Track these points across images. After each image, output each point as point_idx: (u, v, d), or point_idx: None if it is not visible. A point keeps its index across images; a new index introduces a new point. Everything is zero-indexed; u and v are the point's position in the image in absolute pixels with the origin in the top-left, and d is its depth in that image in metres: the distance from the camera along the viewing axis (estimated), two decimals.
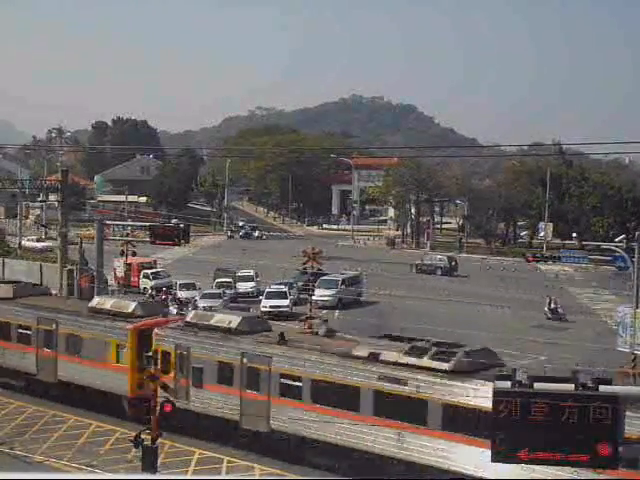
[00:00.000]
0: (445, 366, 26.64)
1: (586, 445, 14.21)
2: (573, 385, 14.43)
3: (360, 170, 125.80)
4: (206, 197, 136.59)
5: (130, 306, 35.51)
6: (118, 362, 33.82)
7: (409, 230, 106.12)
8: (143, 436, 24.08)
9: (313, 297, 53.04)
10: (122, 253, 60.28)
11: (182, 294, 57.20)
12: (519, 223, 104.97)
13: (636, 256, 40.30)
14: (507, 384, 14.81)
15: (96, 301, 37.17)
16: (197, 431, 31.09)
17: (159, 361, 28.23)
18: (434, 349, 27.67)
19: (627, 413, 14.73)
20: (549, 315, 55.60)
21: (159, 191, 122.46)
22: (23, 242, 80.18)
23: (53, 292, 50.84)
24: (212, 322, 32.45)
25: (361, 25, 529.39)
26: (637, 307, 39.76)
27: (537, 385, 14.60)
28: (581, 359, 39.38)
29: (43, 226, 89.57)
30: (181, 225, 52.97)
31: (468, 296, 62.57)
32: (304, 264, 56.96)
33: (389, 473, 26.89)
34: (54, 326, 36.41)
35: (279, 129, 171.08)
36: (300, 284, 58.73)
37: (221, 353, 31.17)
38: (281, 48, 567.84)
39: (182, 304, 53.59)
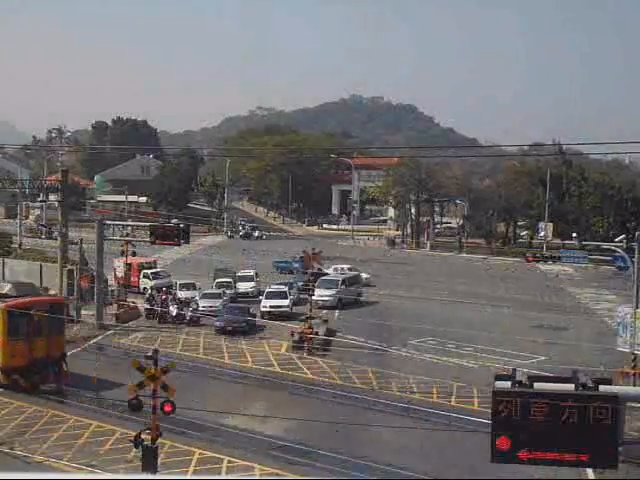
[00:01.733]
0: None
1: (586, 445, 14.19)
2: (573, 385, 14.41)
3: (360, 170, 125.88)
4: (206, 197, 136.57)
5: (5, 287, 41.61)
6: None
7: (409, 230, 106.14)
8: (143, 436, 24.04)
9: (313, 297, 53.06)
10: (122, 253, 60.28)
11: (182, 294, 57.15)
12: (519, 223, 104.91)
13: (636, 256, 40.27)
14: (507, 384, 14.78)
15: None
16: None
17: None
18: None
19: None
20: None
21: (159, 191, 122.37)
22: None
23: (52, 292, 50.91)
24: None
25: (361, 25, 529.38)
26: (637, 307, 39.72)
27: (537, 385, 14.58)
28: (581, 359, 39.40)
29: (43, 226, 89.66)
30: (181, 225, 53.07)
31: (469, 296, 62.60)
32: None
33: None
34: None
35: (279, 129, 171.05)
36: (300, 284, 58.77)
37: None
38: (281, 48, 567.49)
39: (182, 304, 53.54)
